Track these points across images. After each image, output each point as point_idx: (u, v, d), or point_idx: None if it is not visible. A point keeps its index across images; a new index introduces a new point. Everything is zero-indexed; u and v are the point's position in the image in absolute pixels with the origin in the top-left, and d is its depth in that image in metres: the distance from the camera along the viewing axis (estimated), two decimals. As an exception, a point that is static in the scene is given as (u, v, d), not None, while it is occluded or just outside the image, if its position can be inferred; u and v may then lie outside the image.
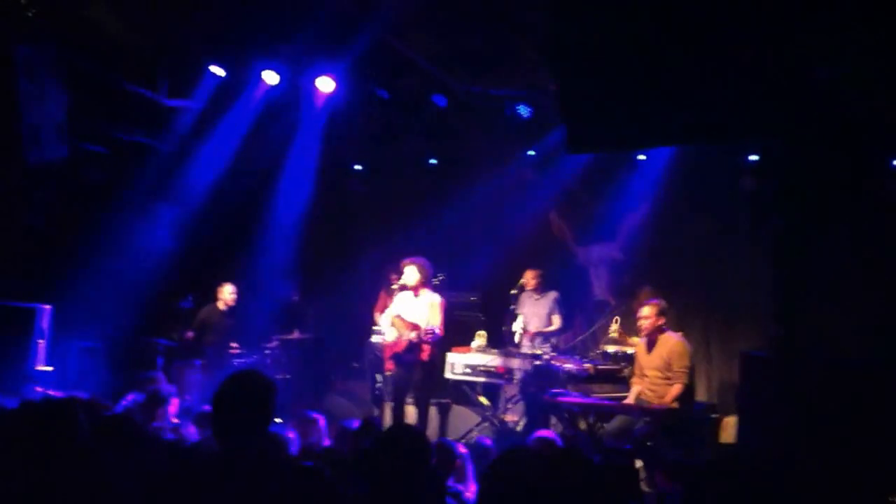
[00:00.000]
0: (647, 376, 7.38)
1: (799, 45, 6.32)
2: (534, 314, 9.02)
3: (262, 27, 8.08)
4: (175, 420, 6.75)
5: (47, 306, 8.11)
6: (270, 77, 8.62)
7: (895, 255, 7.42)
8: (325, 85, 8.53)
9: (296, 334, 9.45)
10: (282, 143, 9.83)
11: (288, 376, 9.27)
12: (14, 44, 7.36)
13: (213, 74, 8.67)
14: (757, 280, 8.04)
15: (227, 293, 9.33)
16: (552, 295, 9.09)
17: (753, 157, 8.67)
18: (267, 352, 9.41)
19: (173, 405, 7.12)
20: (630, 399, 7.44)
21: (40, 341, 8.02)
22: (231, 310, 9.39)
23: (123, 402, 6.79)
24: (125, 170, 9.39)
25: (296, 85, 8.76)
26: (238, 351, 9.26)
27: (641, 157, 9.22)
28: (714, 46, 6.88)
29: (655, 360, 7.30)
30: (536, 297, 9.07)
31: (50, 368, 8.00)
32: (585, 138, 8.26)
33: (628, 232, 9.52)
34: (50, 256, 8.89)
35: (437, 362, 8.25)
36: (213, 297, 9.39)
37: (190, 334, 9.16)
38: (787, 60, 6.42)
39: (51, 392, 6.53)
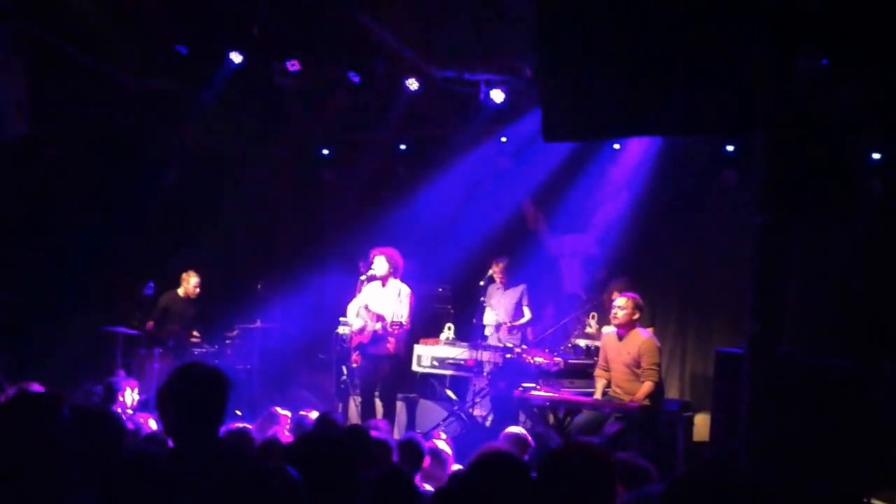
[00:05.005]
0: (613, 371, 7.24)
1: (779, 36, 6.24)
2: (501, 305, 8.85)
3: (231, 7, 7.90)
4: (131, 411, 6.53)
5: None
6: (236, 57, 8.39)
7: (876, 249, 7.37)
8: (292, 66, 8.34)
9: (258, 324, 9.20)
10: (249, 127, 9.59)
11: (249, 367, 9.04)
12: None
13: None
14: (735, 275, 7.94)
15: (191, 283, 9.07)
16: (521, 287, 8.92)
17: (731, 149, 8.57)
18: (228, 341, 9.16)
19: (131, 396, 6.91)
20: (597, 393, 7.31)
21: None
22: (193, 298, 9.13)
23: (81, 393, 6.59)
24: (86, 150, 9.08)
25: (263, 67, 8.55)
26: (199, 340, 9.02)
27: (616, 146, 9.07)
28: (693, 36, 6.80)
29: (624, 355, 7.17)
30: (504, 288, 8.90)
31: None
32: (562, 126, 8.15)
33: (603, 224, 9.36)
34: (3, 239, 8.57)
35: (405, 355, 8.10)
36: (175, 285, 9.11)
37: (150, 323, 8.89)
38: (766, 51, 6.35)
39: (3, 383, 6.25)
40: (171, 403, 2.98)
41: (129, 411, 6.39)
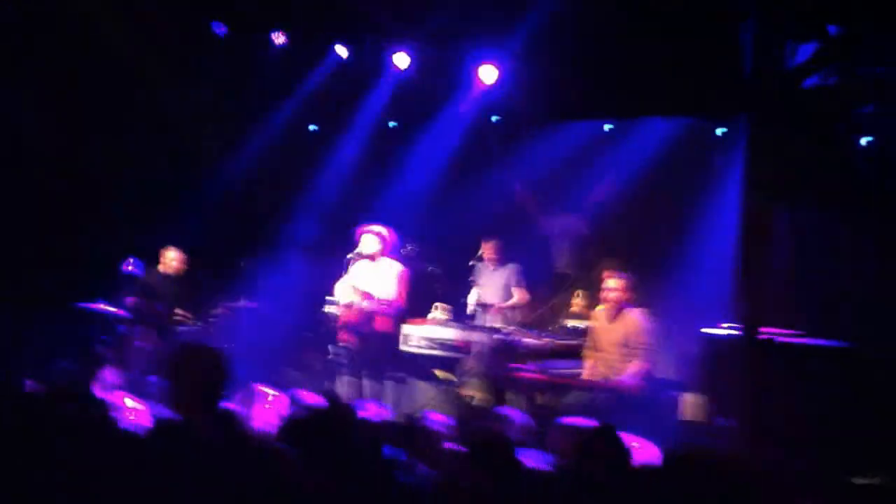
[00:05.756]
0: (603, 350, 7.26)
1: (766, 22, 6.22)
2: (490, 286, 8.81)
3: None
4: (115, 390, 6.43)
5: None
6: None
7: (863, 232, 7.39)
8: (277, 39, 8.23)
9: (243, 302, 9.09)
10: (233, 100, 9.45)
11: (233, 345, 8.93)
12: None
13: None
14: (724, 257, 7.93)
15: (169, 258, 8.91)
16: (512, 267, 8.87)
17: (721, 132, 8.54)
18: (212, 320, 9.04)
19: (113, 374, 6.81)
20: (586, 373, 7.30)
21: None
22: (175, 275, 8.98)
23: (58, 371, 6.47)
24: (59, 118, 8.89)
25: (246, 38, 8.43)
26: (182, 318, 8.87)
27: (607, 126, 9.03)
28: (680, 22, 6.79)
29: (614, 335, 7.19)
30: (494, 268, 8.86)
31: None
32: (553, 106, 8.14)
33: (594, 205, 9.34)
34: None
35: (393, 335, 8.02)
36: (156, 261, 8.96)
37: (131, 300, 8.74)
38: (754, 36, 6.33)
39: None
40: (175, 379, 3.10)
41: (115, 390, 6.29)
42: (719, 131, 8.59)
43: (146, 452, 3.00)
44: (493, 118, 9.42)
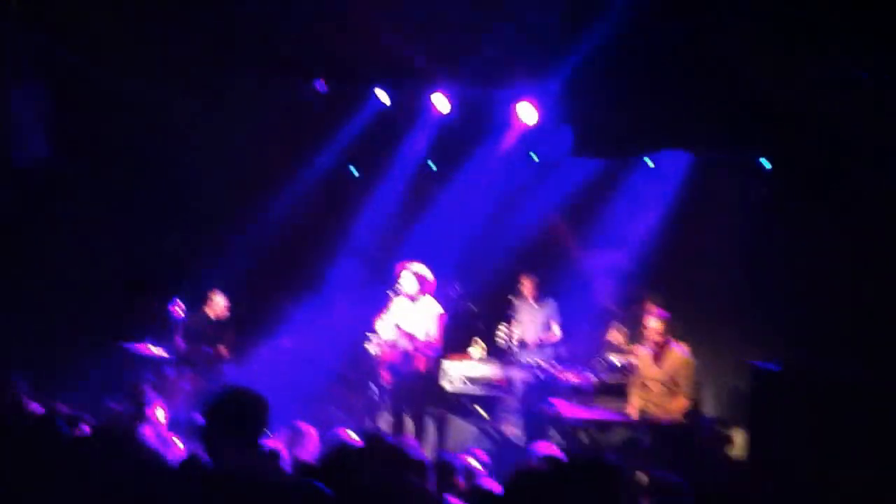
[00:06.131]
0: (649, 388, 7.20)
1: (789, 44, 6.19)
2: (531, 322, 8.80)
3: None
4: (163, 431, 6.48)
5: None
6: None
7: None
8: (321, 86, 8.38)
9: (286, 342, 9.17)
10: (275, 142, 9.61)
11: (276, 384, 8.97)
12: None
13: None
14: (770, 290, 7.83)
15: (216, 302, 9.05)
16: (550, 303, 8.84)
17: (764, 161, 8.43)
18: (256, 359, 9.11)
19: (160, 415, 6.86)
20: (632, 411, 7.24)
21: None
22: (220, 317, 9.10)
23: (107, 411, 6.54)
24: (105, 167, 9.10)
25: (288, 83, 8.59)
26: (227, 358, 8.97)
27: (650, 163, 9.00)
28: (718, 57, 6.77)
29: (658, 372, 7.14)
30: (534, 304, 8.84)
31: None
32: (592, 143, 8.14)
33: (636, 239, 9.27)
34: (21, 256, 8.59)
35: (434, 372, 8.02)
36: (203, 303, 9.10)
37: (178, 341, 8.87)
38: (776, 59, 6.30)
39: (30, 402, 6.21)
40: (217, 421, 3.11)
41: (162, 431, 6.34)
42: (764, 162, 8.47)
43: (183, 491, 3.03)
44: (533, 156, 9.42)
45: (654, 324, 7.13)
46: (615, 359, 8.12)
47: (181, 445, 5.28)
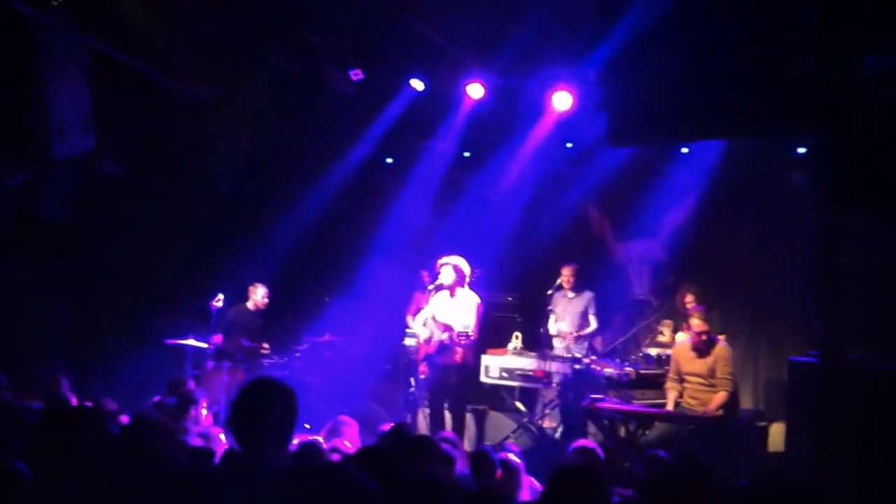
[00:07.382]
0: (687, 381, 7.15)
1: (845, 35, 6.04)
2: (567, 313, 8.74)
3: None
4: (205, 424, 6.58)
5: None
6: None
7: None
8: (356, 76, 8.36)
9: (327, 336, 9.23)
10: (313, 136, 9.64)
11: (318, 379, 9.06)
12: (37, 32, 7.15)
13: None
14: (808, 281, 7.70)
15: (259, 295, 9.11)
16: (588, 295, 8.78)
17: (802, 151, 8.30)
18: (297, 354, 9.18)
19: (202, 409, 6.96)
20: (669, 404, 7.20)
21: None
22: (261, 310, 9.17)
23: (152, 406, 6.64)
24: (147, 161, 9.21)
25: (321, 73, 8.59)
26: (268, 352, 9.05)
27: (685, 150, 8.88)
28: (759, 36, 6.64)
29: (699, 365, 7.09)
30: (571, 295, 8.77)
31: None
32: (628, 131, 8.03)
33: (671, 228, 9.17)
34: (70, 252, 8.72)
35: (473, 366, 8.02)
36: (244, 298, 9.19)
37: (219, 336, 8.97)
38: (833, 50, 6.15)
39: (71, 396, 6.33)
40: (243, 417, 3.05)
41: (205, 424, 6.43)
42: (800, 150, 8.33)
43: (223, 484, 3.03)
44: (568, 144, 9.35)
45: (697, 323, 7.08)
46: (653, 351, 8.06)
47: (224, 439, 5.36)
